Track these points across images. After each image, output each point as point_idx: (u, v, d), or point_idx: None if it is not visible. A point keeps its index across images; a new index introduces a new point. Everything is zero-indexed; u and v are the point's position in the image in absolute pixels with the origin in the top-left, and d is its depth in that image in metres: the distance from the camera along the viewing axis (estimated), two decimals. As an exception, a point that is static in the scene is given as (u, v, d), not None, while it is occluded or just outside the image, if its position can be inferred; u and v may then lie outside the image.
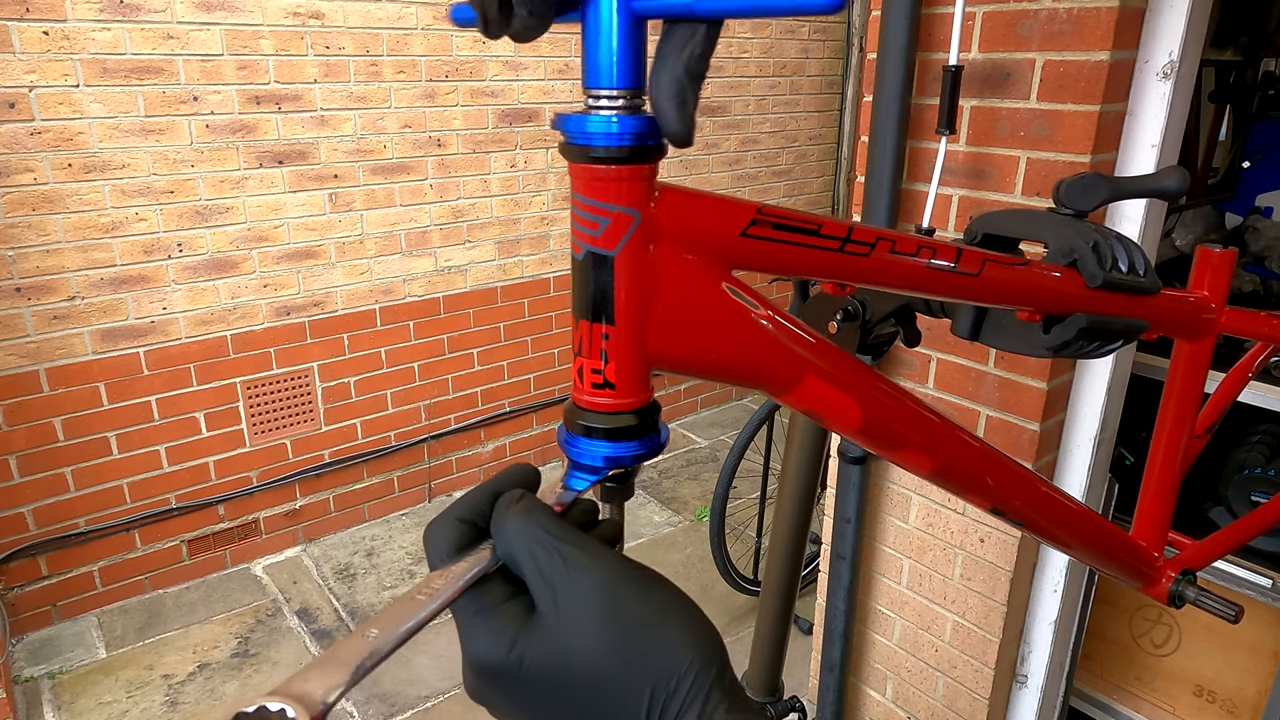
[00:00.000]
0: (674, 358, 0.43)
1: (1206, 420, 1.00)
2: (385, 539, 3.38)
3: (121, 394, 2.80)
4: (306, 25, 2.86)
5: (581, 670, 0.35)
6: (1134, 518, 0.92)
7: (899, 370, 1.82)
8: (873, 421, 0.52)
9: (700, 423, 4.44)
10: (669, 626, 0.36)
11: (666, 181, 0.41)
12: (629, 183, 0.38)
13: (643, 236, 0.40)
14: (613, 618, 0.35)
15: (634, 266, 0.40)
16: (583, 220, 0.39)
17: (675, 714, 0.34)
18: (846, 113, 4.59)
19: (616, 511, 0.45)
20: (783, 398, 0.48)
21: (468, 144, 3.34)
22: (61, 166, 2.54)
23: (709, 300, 0.43)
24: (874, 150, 1.64)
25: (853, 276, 0.52)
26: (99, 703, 2.50)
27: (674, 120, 0.36)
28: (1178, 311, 0.81)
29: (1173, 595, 0.88)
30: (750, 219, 0.43)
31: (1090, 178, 0.69)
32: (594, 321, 0.41)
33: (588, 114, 0.38)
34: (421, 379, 3.48)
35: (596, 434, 0.42)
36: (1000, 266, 0.60)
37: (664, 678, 0.35)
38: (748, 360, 0.46)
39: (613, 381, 0.41)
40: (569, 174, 0.40)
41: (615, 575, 0.36)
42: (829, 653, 2.02)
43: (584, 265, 0.40)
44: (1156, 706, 2.14)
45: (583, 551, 0.37)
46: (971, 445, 0.62)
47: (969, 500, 0.65)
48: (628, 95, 0.37)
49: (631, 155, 0.38)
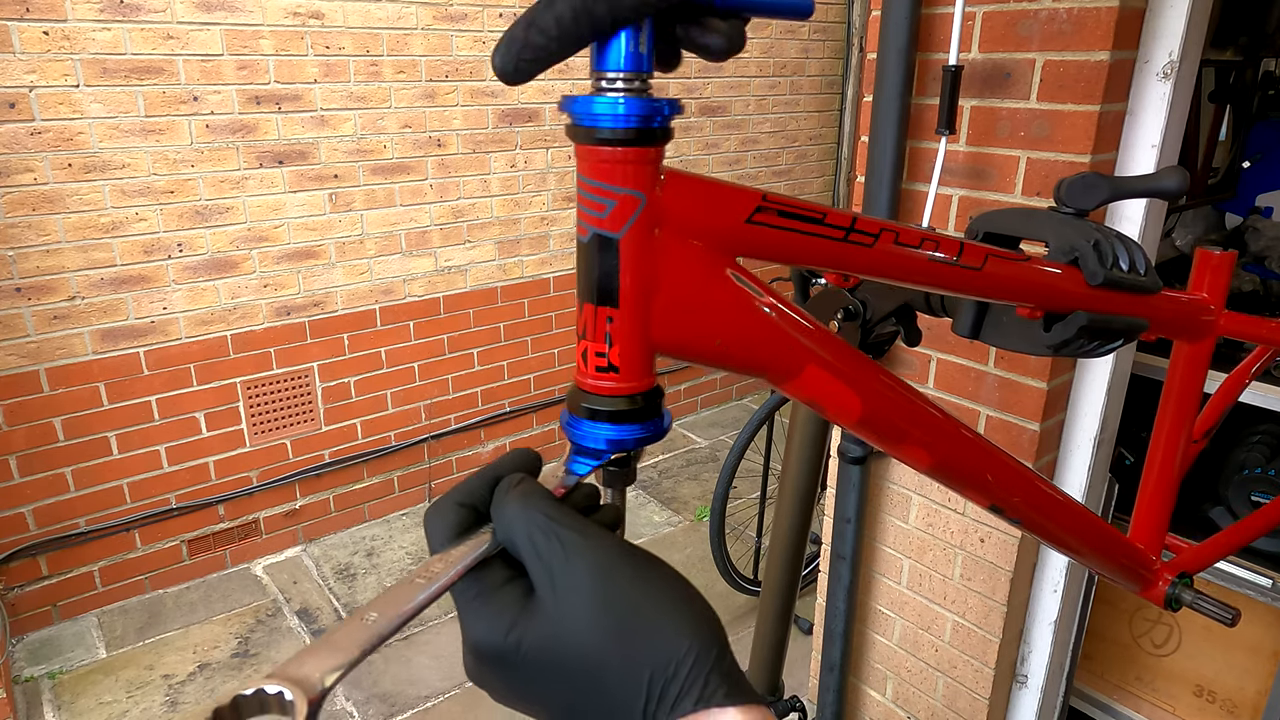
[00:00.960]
0: (678, 342, 0.43)
1: (1205, 424, 0.99)
2: (385, 539, 3.38)
3: (121, 394, 2.80)
4: (306, 25, 2.86)
5: (579, 654, 0.35)
6: (1131, 520, 0.92)
7: (899, 370, 1.82)
8: (872, 413, 0.52)
9: (700, 423, 4.43)
10: (667, 611, 0.36)
11: (671, 166, 0.41)
12: (635, 165, 0.39)
13: (648, 220, 0.40)
14: (610, 602, 0.35)
15: (639, 250, 0.40)
16: (589, 202, 0.39)
17: (674, 699, 0.34)
18: (846, 113, 4.59)
19: (618, 496, 0.45)
20: (784, 386, 0.48)
21: (468, 144, 3.34)
22: (61, 166, 2.54)
23: (713, 285, 0.43)
24: (874, 150, 1.64)
25: (856, 267, 0.52)
26: (99, 703, 2.50)
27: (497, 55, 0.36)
28: (1177, 312, 0.81)
29: (1169, 599, 0.88)
30: (755, 205, 0.44)
31: (1091, 177, 0.69)
32: (599, 305, 0.41)
33: (595, 95, 0.38)
34: (421, 379, 3.48)
35: (600, 416, 0.42)
36: (1003, 261, 0.60)
37: (662, 662, 0.34)
38: (750, 347, 0.46)
39: (616, 365, 0.41)
40: (575, 156, 0.40)
41: (613, 559, 0.36)
42: (829, 653, 2.02)
43: (589, 248, 0.40)
44: (1156, 706, 2.14)
45: (581, 535, 0.37)
46: (971, 441, 0.62)
47: (967, 496, 0.65)
48: (635, 78, 0.37)
49: (638, 137, 0.38)
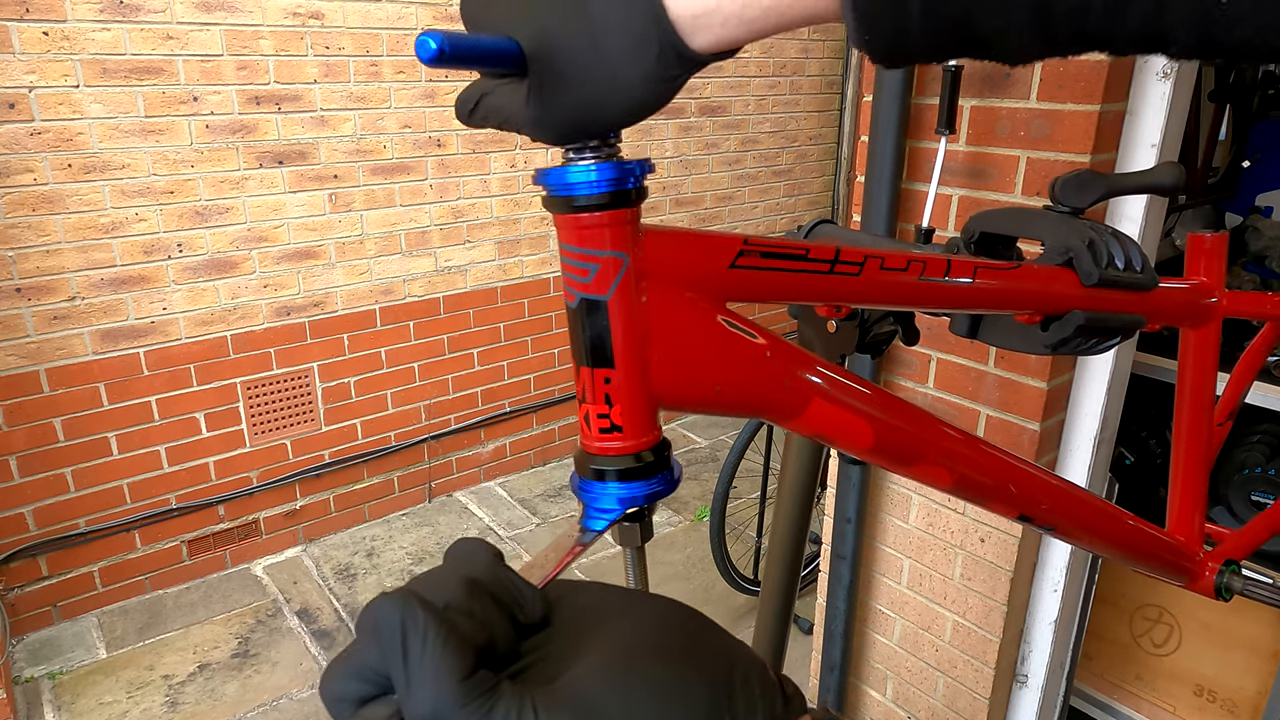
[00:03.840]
0: (678, 394, 0.43)
1: (1226, 407, 0.99)
2: (385, 539, 3.38)
3: (122, 394, 2.80)
4: (306, 25, 2.86)
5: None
6: (1167, 514, 0.91)
7: (899, 370, 1.82)
8: (885, 440, 0.52)
9: (700, 423, 4.44)
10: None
11: (651, 224, 0.42)
12: (613, 227, 0.39)
13: (633, 278, 0.40)
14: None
15: (628, 308, 0.40)
16: (573, 269, 0.40)
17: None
18: (846, 113, 4.59)
19: (637, 556, 0.45)
20: (790, 424, 0.48)
21: (468, 144, 3.34)
22: (61, 167, 2.54)
23: (706, 334, 0.44)
24: (874, 150, 1.64)
25: (846, 297, 0.53)
26: (99, 703, 2.50)
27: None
28: (1178, 302, 0.81)
29: (1219, 588, 0.86)
30: (738, 250, 0.44)
31: (1086, 174, 0.69)
32: (594, 367, 0.41)
33: (567, 166, 0.39)
34: (421, 379, 3.48)
35: (609, 476, 0.42)
36: (994, 273, 0.60)
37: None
38: (750, 390, 0.46)
39: (620, 424, 0.42)
40: (555, 226, 0.41)
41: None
42: (829, 653, 2.02)
43: (579, 312, 0.40)
44: (1157, 706, 2.14)
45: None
46: (990, 455, 0.61)
47: (994, 510, 0.64)
48: (603, 145, 0.39)
49: (613, 200, 0.39)
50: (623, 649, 0.31)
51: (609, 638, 0.32)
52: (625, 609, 0.33)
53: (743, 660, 0.33)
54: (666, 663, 0.31)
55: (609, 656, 0.31)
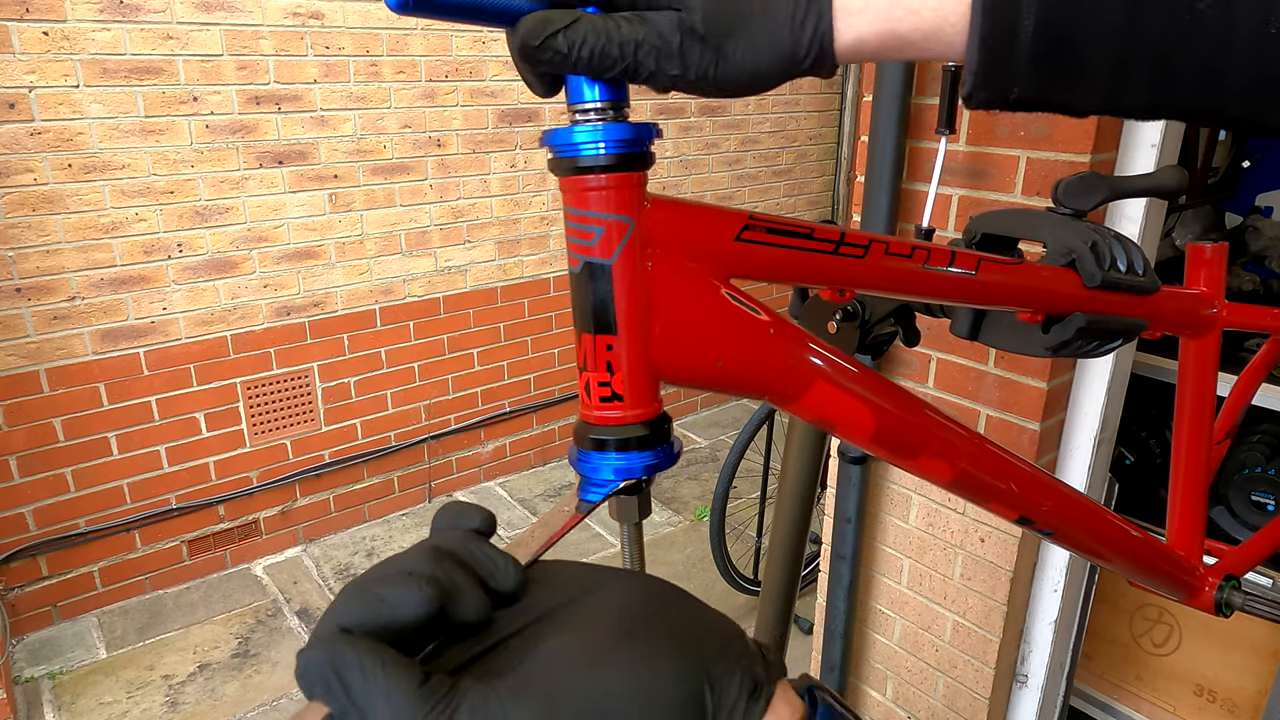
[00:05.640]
0: (679, 366, 0.42)
1: (1225, 425, 0.98)
2: (385, 539, 3.38)
3: (121, 394, 2.80)
4: (306, 25, 2.86)
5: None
6: (1167, 528, 0.90)
7: (899, 370, 1.82)
8: (886, 429, 0.51)
9: (700, 423, 4.44)
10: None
11: (656, 193, 0.41)
12: (620, 190, 0.39)
13: (638, 243, 0.40)
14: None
15: (632, 273, 0.40)
16: (577, 232, 0.39)
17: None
18: (846, 113, 4.59)
19: (633, 531, 0.44)
20: (791, 406, 0.48)
21: (468, 144, 3.34)
22: (61, 167, 2.54)
23: (710, 306, 0.43)
24: (874, 150, 1.64)
25: (849, 281, 0.52)
26: (99, 703, 2.50)
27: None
28: (1178, 309, 0.81)
29: (1219, 604, 0.85)
30: (743, 224, 0.44)
31: (1089, 177, 0.69)
32: (597, 333, 0.40)
33: (573, 126, 0.38)
34: (421, 379, 3.48)
35: (607, 447, 0.41)
36: (997, 267, 0.60)
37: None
38: (753, 366, 0.45)
39: (620, 393, 0.41)
40: (560, 189, 0.40)
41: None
42: (829, 653, 2.02)
43: (582, 277, 0.40)
44: (1157, 706, 2.14)
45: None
46: (993, 452, 0.61)
47: (994, 509, 0.63)
48: (611, 105, 0.38)
49: (620, 163, 0.38)
50: (595, 626, 0.31)
51: (582, 614, 0.32)
52: (600, 584, 0.34)
53: (719, 630, 0.33)
54: (639, 638, 0.31)
55: (579, 633, 0.31)
